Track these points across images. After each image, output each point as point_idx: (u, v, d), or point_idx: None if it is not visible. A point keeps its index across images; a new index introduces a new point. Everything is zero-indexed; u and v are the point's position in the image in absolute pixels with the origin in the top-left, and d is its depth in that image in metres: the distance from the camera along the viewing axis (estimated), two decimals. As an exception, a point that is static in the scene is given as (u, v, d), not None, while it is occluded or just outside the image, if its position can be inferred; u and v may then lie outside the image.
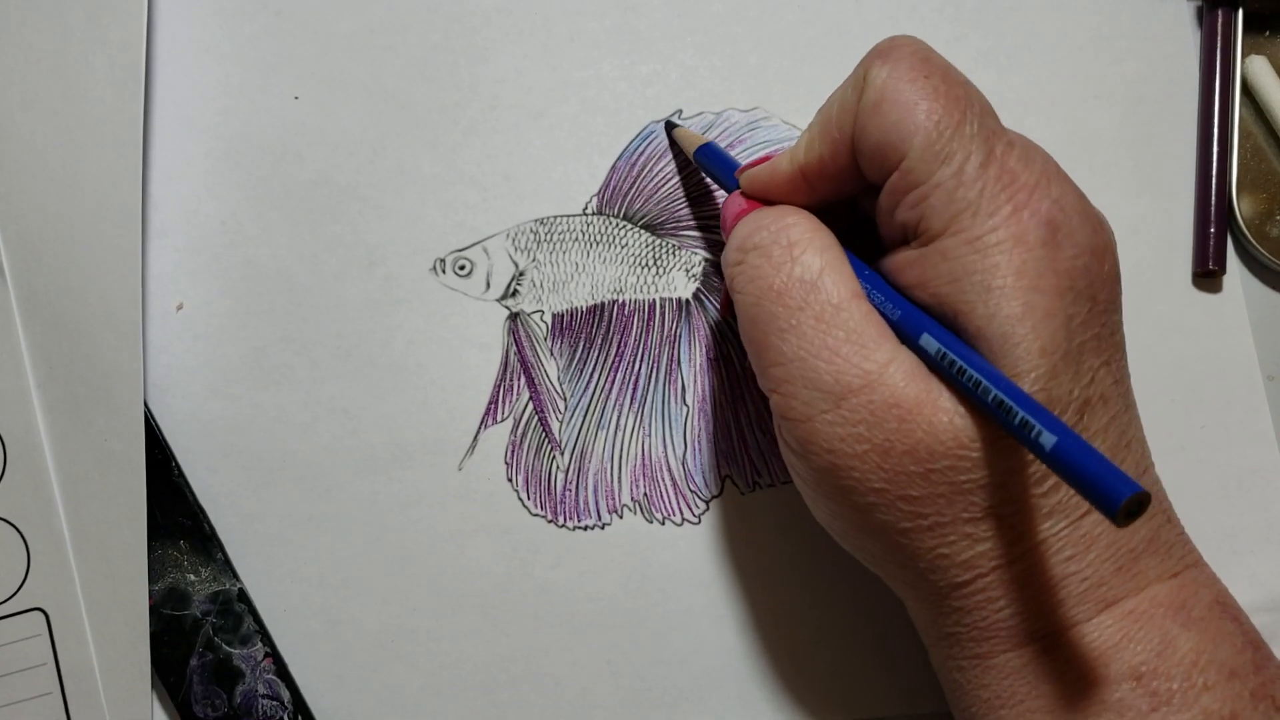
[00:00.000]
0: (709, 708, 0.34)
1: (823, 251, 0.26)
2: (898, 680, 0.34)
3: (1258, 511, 0.36)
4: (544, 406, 0.36)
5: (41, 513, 0.34)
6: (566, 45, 0.38)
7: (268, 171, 0.37)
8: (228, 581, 0.34)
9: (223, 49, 0.37)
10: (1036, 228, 0.24)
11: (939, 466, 0.24)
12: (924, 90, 0.25)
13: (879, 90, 0.25)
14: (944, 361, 0.24)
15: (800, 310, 0.26)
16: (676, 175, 0.37)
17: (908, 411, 0.24)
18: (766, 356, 0.26)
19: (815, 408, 0.25)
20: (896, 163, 0.25)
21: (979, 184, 0.24)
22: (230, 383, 0.36)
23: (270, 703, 0.34)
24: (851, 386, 0.25)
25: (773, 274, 0.26)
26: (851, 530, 0.27)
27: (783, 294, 0.26)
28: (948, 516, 0.24)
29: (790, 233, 0.27)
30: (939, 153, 0.25)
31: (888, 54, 0.26)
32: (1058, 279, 0.24)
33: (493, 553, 0.35)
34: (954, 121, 0.25)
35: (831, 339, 0.25)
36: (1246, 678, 0.24)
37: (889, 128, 0.25)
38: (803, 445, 0.26)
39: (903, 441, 0.24)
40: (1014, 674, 0.26)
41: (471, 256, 0.36)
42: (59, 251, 0.34)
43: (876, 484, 0.25)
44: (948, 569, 0.25)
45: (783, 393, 0.26)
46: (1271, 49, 0.38)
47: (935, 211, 0.25)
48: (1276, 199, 0.37)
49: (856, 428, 0.24)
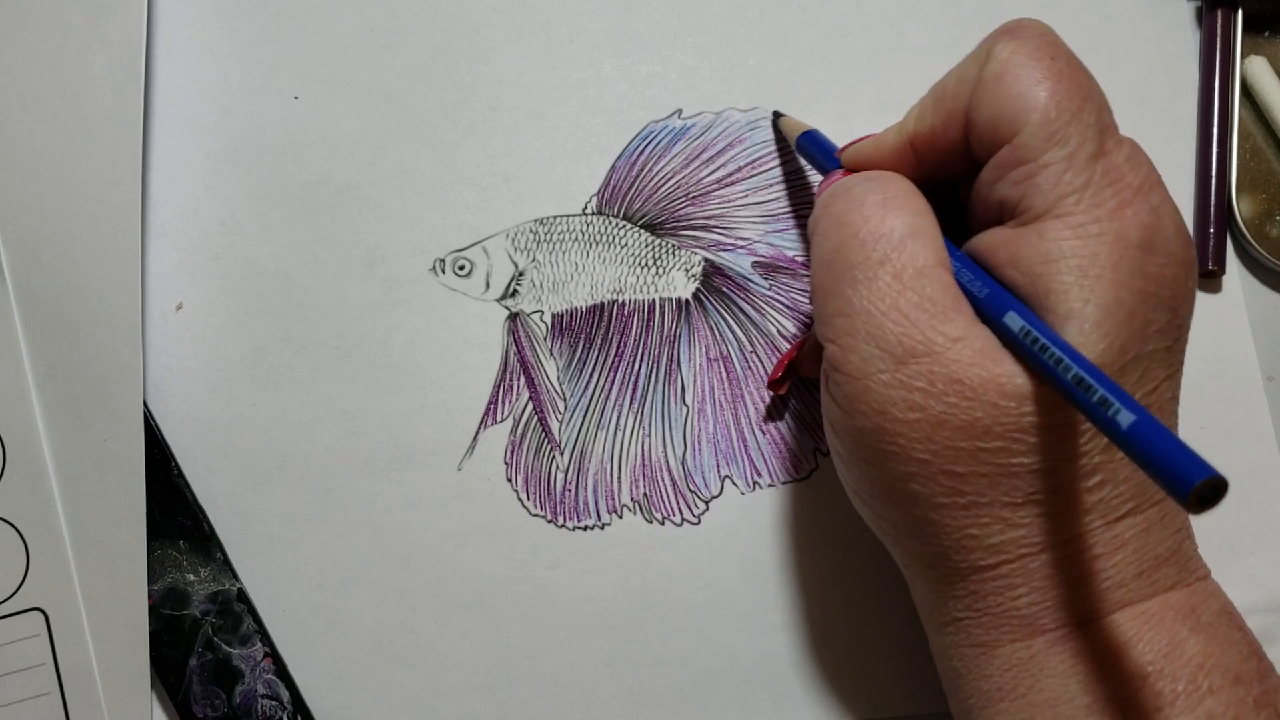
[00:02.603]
0: (709, 708, 0.34)
1: (917, 214, 0.26)
2: (899, 681, 0.34)
3: (1257, 512, 0.36)
4: (544, 407, 0.36)
5: (41, 512, 0.34)
6: (566, 45, 0.38)
7: (267, 172, 0.37)
8: (227, 581, 0.34)
9: (222, 49, 0.37)
10: (1137, 228, 0.24)
11: (991, 446, 0.24)
12: (1048, 70, 0.25)
13: (1003, 64, 0.25)
14: (1026, 338, 0.23)
15: (880, 264, 0.25)
16: (676, 175, 0.37)
17: (971, 389, 0.24)
18: (833, 304, 0.26)
19: (873, 365, 0.25)
20: (1008, 136, 0.25)
21: (1088, 173, 0.24)
22: (230, 383, 0.36)
23: (270, 703, 0.33)
24: (915, 352, 0.24)
25: (861, 223, 0.26)
26: (879, 498, 0.27)
27: (866, 243, 0.25)
28: (987, 498, 0.24)
29: (889, 187, 0.27)
30: (1054, 134, 0.25)
31: (1015, 32, 0.26)
32: (1145, 283, 0.24)
33: (492, 553, 0.35)
34: (1074, 107, 0.25)
35: (904, 300, 0.25)
36: (1250, 684, 0.24)
37: (1008, 101, 0.25)
38: (851, 402, 0.25)
39: (959, 417, 0.24)
40: (1018, 666, 0.25)
41: (471, 257, 0.36)
42: (58, 251, 0.34)
43: (921, 454, 0.24)
44: (973, 550, 0.25)
45: (842, 345, 0.25)
46: (1271, 50, 0.38)
47: (1040, 191, 0.25)
48: (1276, 199, 0.37)
49: (912, 394, 0.24)
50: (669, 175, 0.37)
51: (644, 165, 0.37)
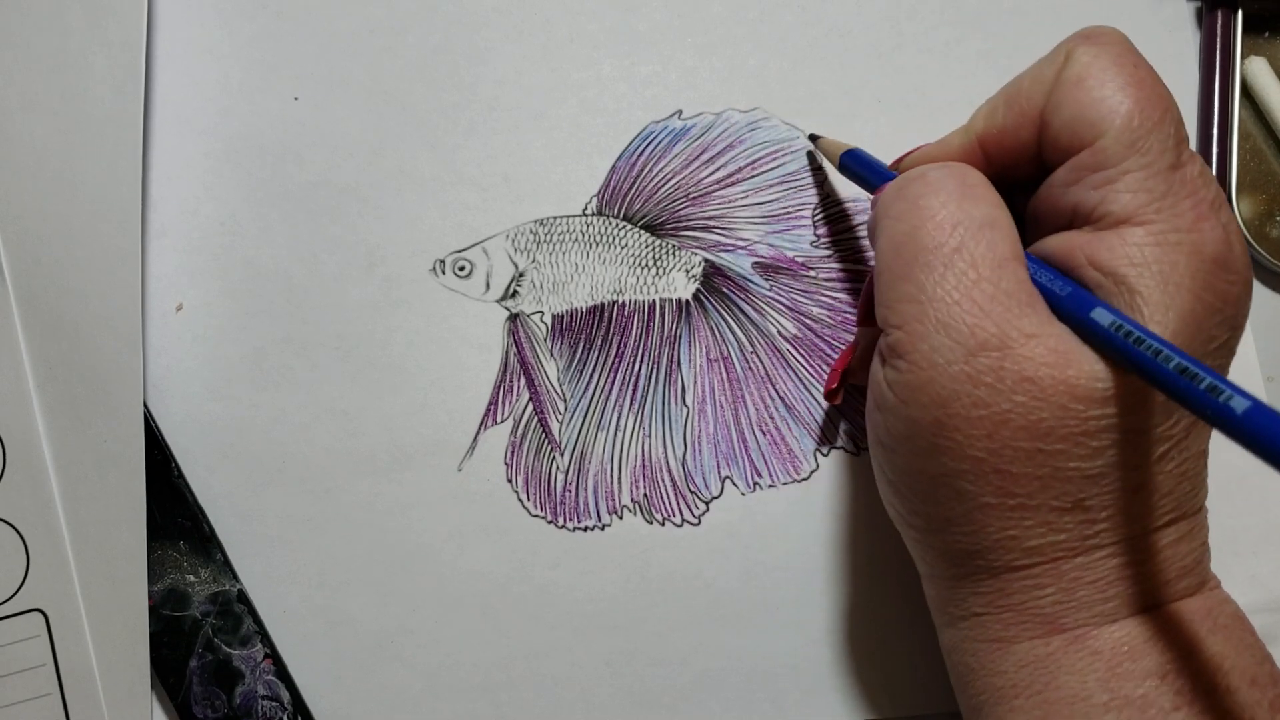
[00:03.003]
0: (709, 708, 0.34)
1: (994, 205, 0.25)
2: (899, 681, 0.34)
3: (1258, 512, 0.36)
4: (544, 407, 0.36)
5: (41, 513, 0.34)
6: (566, 46, 0.38)
7: (267, 172, 0.37)
8: (227, 582, 0.34)
9: (222, 50, 0.37)
10: (1213, 243, 0.24)
11: (1051, 449, 0.24)
12: (1131, 77, 0.25)
13: (1084, 67, 0.25)
14: (1119, 332, 0.23)
15: (956, 252, 0.24)
16: (676, 176, 0.37)
17: (1041, 389, 0.23)
18: (902, 289, 0.25)
19: (941, 355, 0.24)
20: (1088, 140, 0.25)
21: (1167, 183, 0.24)
22: (230, 384, 0.36)
23: (270, 704, 0.33)
24: (987, 344, 0.24)
25: (939, 207, 0.25)
26: (920, 492, 0.26)
27: (943, 228, 0.25)
28: (1036, 500, 0.24)
29: (967, 175, 0.26)
30: (1136, 141, 0.24)
31: (1096, 38, 0.26)
32: (1214, 298, 0.24)
33: (492, 554, 0.35)
34: (1155, 116, 0.25)
35: (979, 291, 0.24)
36: (1266, 688, 0.25)
37: (1089, 104, 0.25)
38: (912, 392, 0.25)
39: (1024, 417, 0.23)
40: (1034, 664, 0.25)
41: (471, 257, 0.36)
42: (58, 252, 0.34)
43: (977, 451, 0.24)
44: (1010, 551, 0.25)
45: (909, 331, 0.25)
46: (1271, 50, 0.38)
47: (1120, 197, 0.24)
48: (1276, 200, 0.37)
49: (979, 389, 0.24)
50: (669, 176, 0.37)
51: (644, 166, 0.37)
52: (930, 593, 0.29)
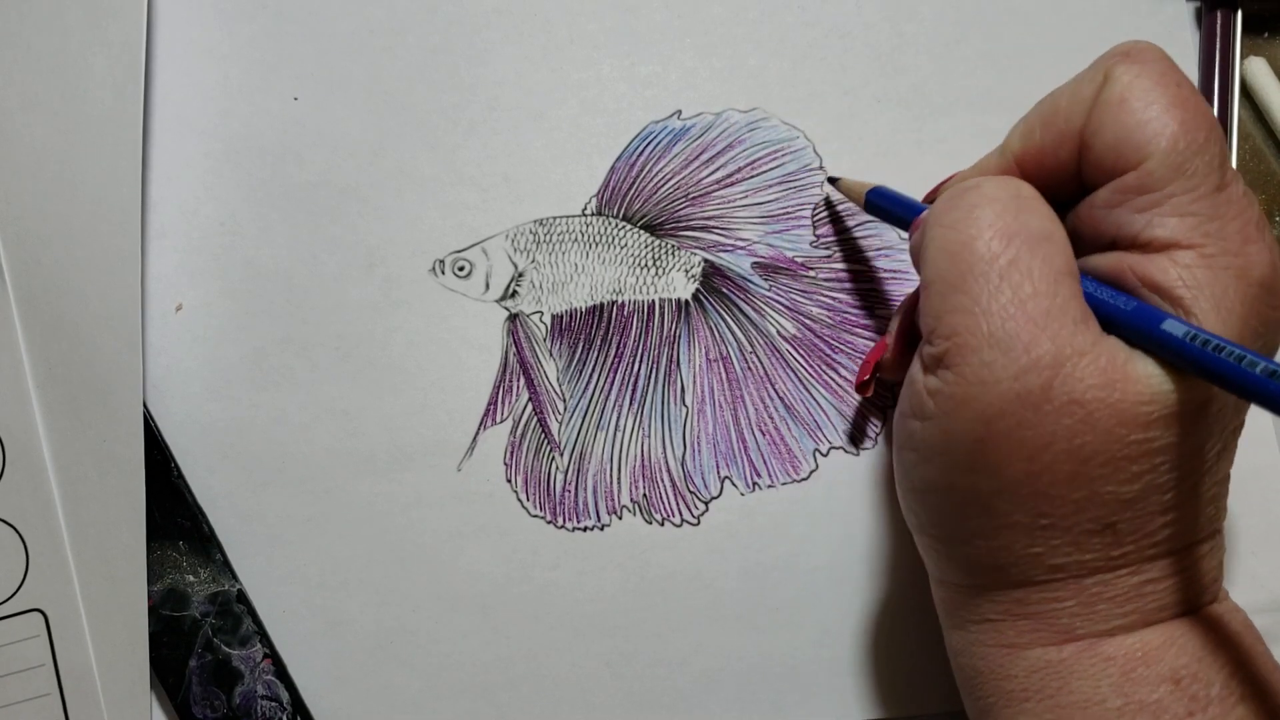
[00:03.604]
0: (708, 709, 0.34)
1: (1050, 219, 0.25)
2: (899, 681, 0.34)
3: (1258, 513, 0.36)
4: (543, 407, 0.36)
5: (40, 513, 0.34)
6: (566, 46, 0.38)
7: (267, 173, 0.37)
8: (227, 582, 0.34)
9: (222, 50, 0.37)
10: (1260, 266, 0.24)
11: (1092, 474, 0.23)
12: (1174, 97, 0.24)
13: (1126, 87, 0.25)
14: (1196, 342, 0.22)
15: (1013, 264, 0.24)
16: (676, 176, 0.37)
17: (1088, 412, 0.23)
18: (954, 300, 0.24)
19: (994, 371, 0.23)
20: (1133, 163, 0.24)
21: (1213, 205, 0.24)
22: (229, 384, 0.36)
23: (269, 704, 0.33)
24: (1040, 362, 0.23)
25: (995, 218, 0.24)
26: (946, 506, 0.25)
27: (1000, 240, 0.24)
28: (1068, 522, 0.24)
29: (1022, 188, 0.25)
30: (1181, 164, 0.24)
31: (1135, 55, 0.25)
32: (1258, 323, 0.24)
33: (492, 554, 0.35)
34: (1201, 138, 0.24)
35: (1035, 306, 0.23)
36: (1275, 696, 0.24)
37: (1133, 126, 0.24)
38: (956, 405, 0.24)
39: (1069, 440, 0.23)
40: (1046, 669, 0.25)
41: (471, 258, 0.36)
42: (58, 252, 0.34)
43: (1014, 473, 0.24)
44: (1031, 567, 0.25)
45: (958, 343, 0.24)
46: (1270, 50, 0.38)
47: (1166, 221, 0.24)
48: (1276, 200, 0.37)
49: (1026, 410, 0.23)
50: (668, 176, 0.37)
51: (644, 166, 0.37)
52: (940, 595, 0.28)
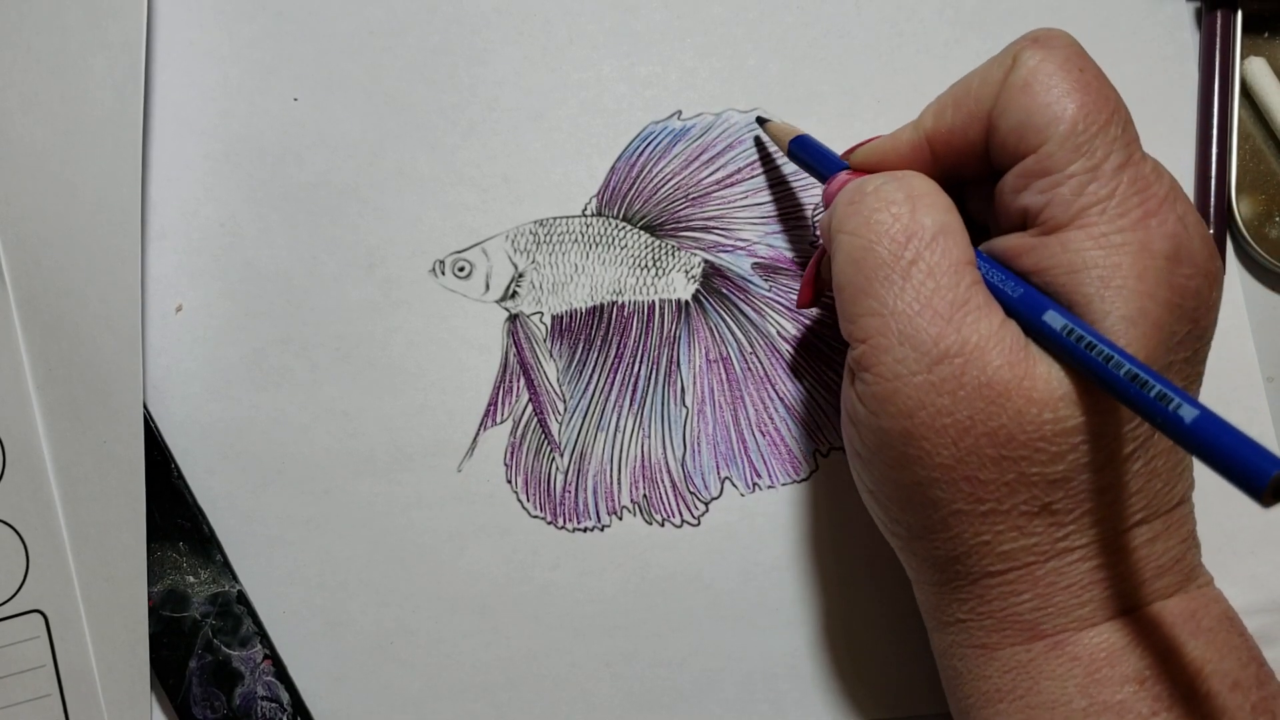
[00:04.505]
0: (708, 709, 0.34)
1: (946, 211, 0.26)
2: (898, 682, 0.34)
3: (1258, 513, 0.36)
4: (543, 408, 0.36)
5: (41, 514, 0.34)
6: (566, 47, 0.38)
7: (267, 173, 0.37)
8: (227, 583, 0.34)
9: (222, 51, 0.37)
10: (1162, 239, 0.24)
11: (1014, 455, 0.24)
12: (1076, 81, 0.25)
13: (1030, 71, 0.25)
14: (1070, 337, 0.23)
15: (913, 264, 0.25)
16: (676, 176, 0.37)
17: (998, 394, 0.24)
18: (863, 304, 0.25)
19: (906, 366, 0.24)
20: (1034, 146, 0.25)
21: (1113, 184, 0.24)
22: (229, 384, 0.36)
23: (269, 704, 0.33)
24: (949, 352, 0.24)
25: (891, 220, 0.25)
26: (896, 500, 0.26)
27: (898, 241, 0.25)
28: (1005, 506, 0.24)
29: (915, 185, 0.26)
30: (1080, 145, 0.25)
31: (1044, 41, 0.26)
32: (1170, 293, 0.24)
33: (492, 554, 0.35)
34: (1101, 119, 0.25)
35: (939, 300, 0.24)
36: (1249, 691, 0.25)
37: (1035, 110, 0.25)
38: (879, 403, 0.25)
39: (985, 423, 0.24)
40: (1017, 669, 0.26)
41: (471, 258, 0.36)
42: (58, 253, 0.34)
43: (944, 459, 0.24)
44: (984, 557, 0.25)
45: (873, 345, 0.25)
46: (1270, 50, 0.38)
47: (1064, 201, 0.25)
48: (1275, 200, 0.37)
49: (942, 397, 0.24)
50: (669, 176, 0.37)
51: (644, 166, 0.37)
52: (920, 598, 0.29)
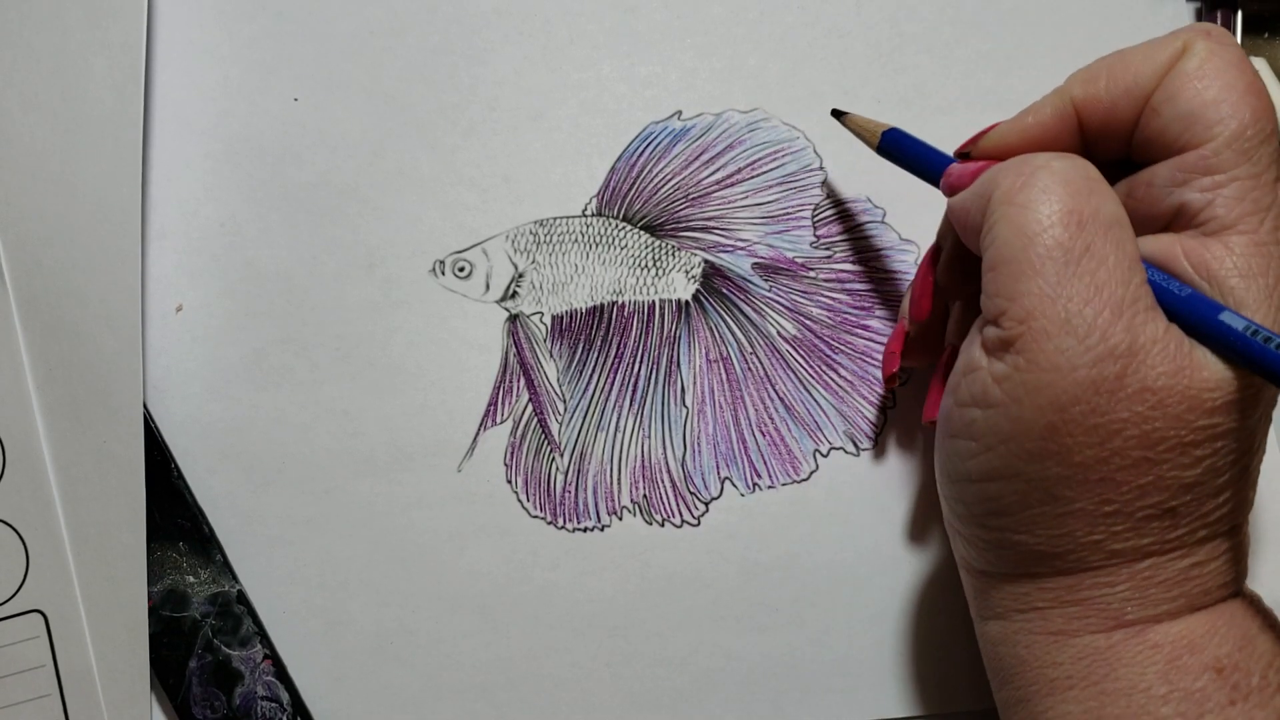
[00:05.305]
0: (708, 709, 0.34)
1: (1118, 203, 0.25)
2: (898, 682, 0.34)
3: (1258, 512, 0.35)
4: (543, 408, 0.36)
5: (40, 514, 0.34)
6: (566, 47, 0.38)
7: (267, 173, 0.37)
8: (227, 583, 0.34)
9: (222, 51, 0.37)
10: None
11: (1158, 458, 0.24)
12: (1250, 84, 0.25)
13: (1205, 61, 0.25)
14: (1255, 336, 0.23)
15: (1088, 250, 0.24)
16: (676, 176, 0.37)
17: (1160, 399, 0.23)
18: (1028, 283, 0.24)
19: (1069, 357, 0.23)
20: (1199, 140, 0.25)
21: (1273, 194, 0.24)
22: (229, 384, 0.36)
23: (269, 704, 0.33)
24: (1115, 350, 0.23)
25: (1070, 198, 0.24)
26: (1005, 493, 0.25)
27: (1075, 224, 0.24)
28: (1131, 508, 0.24)
29: (1090, 169, 0.25)
30: (1247, 150, 0.24)
31: (1216, 35, 0.25)
32: None
33: (492, 554, 0.35)
34: (1268, 128, 0.24)
35: (1110, 294, 0.23)
36: None
37: (1209, 103, 0.24)
38: (1027, 392, 0.24)
39: (1138, 426, 0.23)
40: (1093, 655, 0.25)
41: (471, 258, 0.36)
42: (58, 253, 0.34)
43: (1084, 458, 0.24)
44: (1090, 553, 0.25)
45: (1033, 328, 0.24)
46: (1270, 51, 0.38)
47: (1228, 203, 0.24)
48: (1276, 200, 0.37)
49: (1100, 396, 0.23)
50: (669, 177, 0.37)
51: (644, 167, 0.37)
52: (977, 585, 0.28)
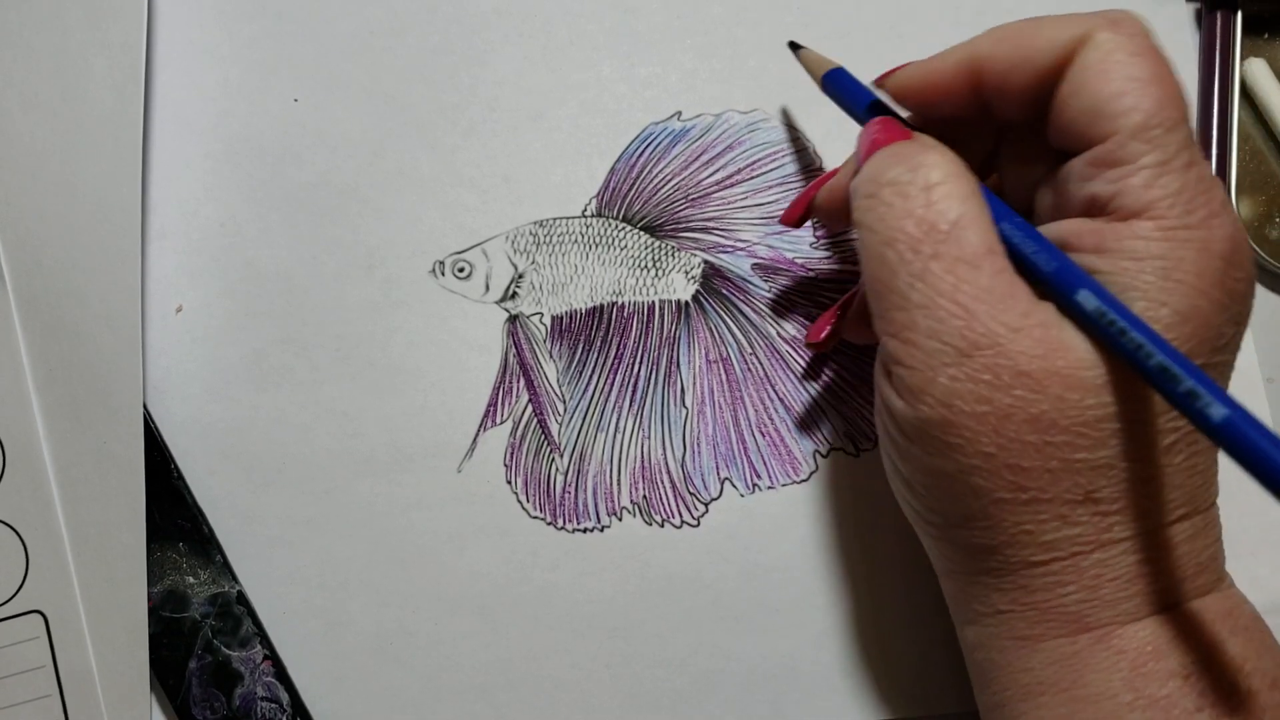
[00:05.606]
0: (708, 710, 0.34)
1: (964, 200, 0.25)
2: (899, 682, 0.34)
3: (1258, 514, 0.36)
4: (543, 409, 0.36)
5: (40, 515, 0.34)
6: (566, 47, 0.38)
7: (267, 173, 0.37)
8: (227, 584, 0.34)
9: (222, 51, 0.37)
10: (1223, 240, 0.24)
11: (1057, 440, 0.24)
12: (1154, 73, 0.25)
13: (1107, 55, 0.25)
14: (1103, 320, 0.23)
15: (933, 259, 0.25)
16: (676, 177, 0.37)
17: (1037, 382, 0.24)
18: (890, 299, 0.25)
19: (937, 359, 0.24)
20: (1105, 133, 0.25)
21: (1182, 180, 0.24)
22: (229, 385, 0.36)
23: (269, 705, 0.33)
24: (978, 344, 0.24)
25: (905, 215, 0.25)
26: (935, 490, 0.26)
27: (915, 238, 0.25)
28: (1049, 494, 0.24)
29: (930, 173, 0.26)
30: (1154, 138, 0.24)
31: (1120, 24, 0.25)
32: (1223, 294, 0.24)
33: (492, 555, 0.35)
34: (1176, 115, 0.24)
35: (962, 294, 0.24)
36: None
37: (1110, 97, 0.25)
38: (915, 394, 0.25)
39: (1027, 410, 0.24)
40: (1061, 661, 0.25)
41: (471, 259, 0.36)
42: (58, 254, 0.34)
43: (986, 447, 0.24)
44: (1026, 546, 0.25)
45: (903, 339, 0.25)
46: (1270, 51, 0.38)
47: (1135, 191, 0.24)
48: (1275, 201, 0.37)
49: (978, 387, 0.24)
50: (668, 177, 0.37)
51: (643, 167, 0.37)
52: (950, 589, 0.29)
